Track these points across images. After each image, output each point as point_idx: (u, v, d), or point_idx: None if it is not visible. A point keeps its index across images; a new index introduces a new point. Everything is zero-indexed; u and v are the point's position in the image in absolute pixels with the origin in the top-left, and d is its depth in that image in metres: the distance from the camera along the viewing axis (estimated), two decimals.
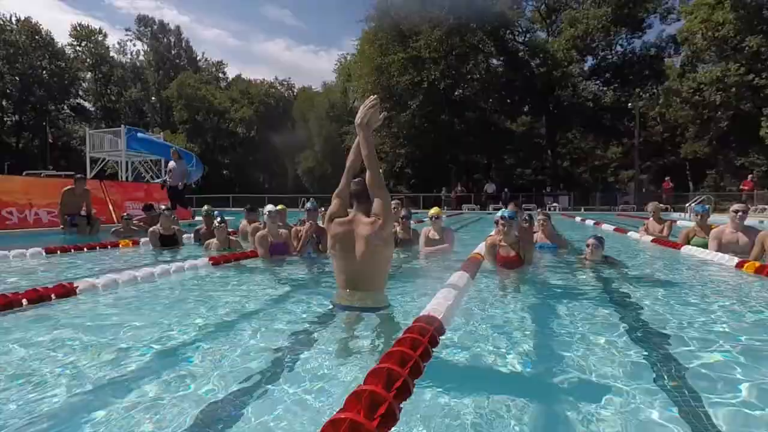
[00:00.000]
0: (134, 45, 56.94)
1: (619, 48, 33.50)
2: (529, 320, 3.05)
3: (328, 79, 52.74)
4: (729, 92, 24.52)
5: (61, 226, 8.64)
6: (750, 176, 22.23)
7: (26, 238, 8.22)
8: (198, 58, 59.19)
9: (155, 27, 56.22)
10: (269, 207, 5.54)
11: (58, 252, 5.72)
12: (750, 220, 6.27)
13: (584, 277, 4.58)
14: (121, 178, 24.95)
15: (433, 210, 6.28)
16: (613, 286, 4.17)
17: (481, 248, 5.05)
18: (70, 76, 49.53)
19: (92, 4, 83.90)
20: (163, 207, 6.64)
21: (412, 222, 7.04)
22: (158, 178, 27.00)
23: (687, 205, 18.10)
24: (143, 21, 56.05)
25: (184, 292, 3.91)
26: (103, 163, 25.93)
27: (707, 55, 27.05)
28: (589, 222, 13.49)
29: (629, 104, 29.57)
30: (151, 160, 27.52)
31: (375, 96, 3.05)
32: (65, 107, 51.42)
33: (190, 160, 27.52)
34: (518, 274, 4.45)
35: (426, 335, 1.97)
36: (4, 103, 46.05)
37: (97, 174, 26.47)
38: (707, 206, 6.42)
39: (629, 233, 8.68)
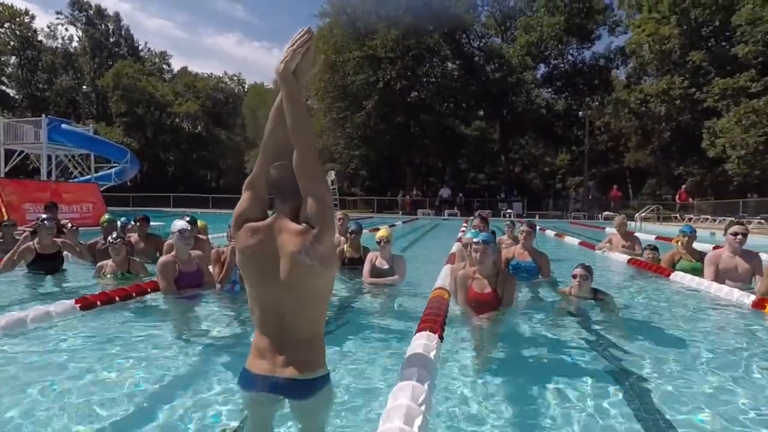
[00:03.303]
0: (66, 30, 52.01)
1: (570, 57, 34.24)
2: (512, 396, 2.23)
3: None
4: (673, 104, 25.39)
5: None
6: (684, 186, 23.03)
7: None
8: (140, 47, 55.27)
9: (91, 12, 51.81)
10: (179, 222, 4.25)
11: None
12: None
13: (574, 323, 3.74)
14: (43, 173, 22.33)
15: (382, 232, 5.17)
16: (612, 337, 3.36)
17: (444, 279, 4.12)
18: None
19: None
20: (43, 216, 5.12)
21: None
22: (86, 174, 24.52)
23: (637, 214, 18.29)
24: (77, 5, 51.44)
25: (29, 355, 2.68)
26: (20, 156, 23.12)
27: (652, 68, 27.98)
28: (549, 233, 13.02)
29: (580, 113, 30.19)
30: (79, 155, 24.93)
31: (308, 28, 1.85)
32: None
33: (123, 156, 25.26)
34: (493, 321, 3.52)
35: None
36: None
37: (16, 168, 23.63)
38: (692, 227, 5.84)
39: (600, 251, 8.05)
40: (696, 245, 5.74)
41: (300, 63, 1.76)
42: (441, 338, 2.63)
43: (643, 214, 18.18)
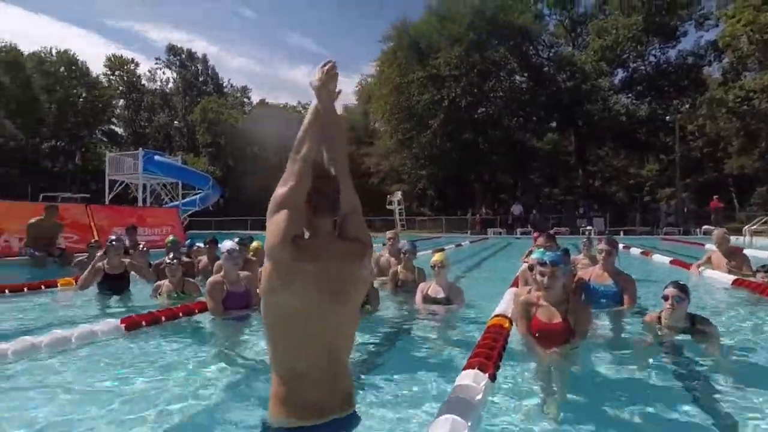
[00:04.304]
0: (164, 73, 58.38)
1: (652, 58, 31.59)
2: None
3: (349, 102, 52.46)
4: None
5: (27, 258, 7.72)
6: None
7: None
8: (224, 84, 60.27)
9: (183, 56, 57.73)
10: (227, 243, 4.22)
11: None
12: None
13: (664, 360, 3.05)
14: (140, 200, 24.66)
15: (436, 257, 4.57)
16: (715, 381, 2.67)
17: (507, 304, 3.62)
18: (103, 103, 51.08)
19: (129, 38, 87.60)
20: (112, 237, 5.40)
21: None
22: (175, 200, 26.73)
23: (746, 228, 15.96)
24: (173, 50, 57.66)
25: (71, 374, 2.67)
26: (122, 185, 25.76)
27: (752, 61, 24.88)
28: (634, 251, 11.60)
29: (667, 117, 27.56)
30: (169, 183, 27.28)
31: (333, 62, 1.87)
32: (98, 133, 52.99)
33: (206, 183, 27.23)
34: (563, 356, 2.95)
35: None
36: (42, 129, 47.51)
37: (118, 195, 26.35)
38: None
39: (696, 271, 6.91)
40: None
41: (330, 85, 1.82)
42: (492, 377, 2.20)
43: (753, 227, 15.82)
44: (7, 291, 5.05)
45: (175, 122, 56.15)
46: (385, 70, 31.97)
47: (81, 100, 49.21)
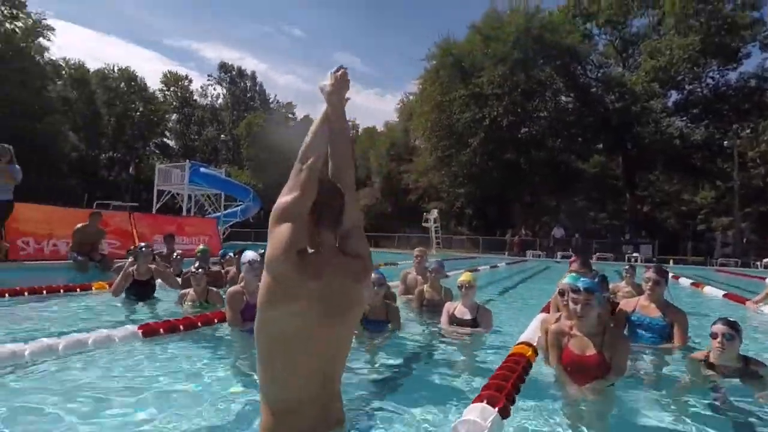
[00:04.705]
0: (214, 89, 61.38)
1: (709, 80, 30.01)
2: None
3: (390, 118, 52.99)
4: None
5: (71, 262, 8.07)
6: None
7: (36, 270, 7.67)
8: (270, 100, 62.53)
9: (234, 72, 60.55)
10: (249, 253, 4.18)
11: (6, 295, 4.79)
12: None
13: (712, 404, 2.69)
14: (184, 210, 25.65)
15: (464, 276, 4.30)
16: None
17: (533, 331, 3.34)
18: (158, 117, 54.25)
19: (185, 56, 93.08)
20: (142, 244, 5.48)
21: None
22: (218, 211, 27.64)
23: None
24: (224, 67, 60.65)
25: (86, 377, 2.64)
26: (169, 195, 26.93)
27: None
28: (684, 281, 10.80)
29: (725, 142, 25.94)
30: (212, 195, 28.28)
31: (346, 69, 1.79)
32: (152, 145, 56.16)
33: (247, 195, 28.03)
34: (596, 393, 2.66)
35: None
36: (102, 141, 50.92)
37: (165, 205, 27.55)
38: None
39: (754, 307, 6.29)
40: None
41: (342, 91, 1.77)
42: (504, 412, 1.96)
43: None
44: (44, 292, 5.23)
45: (222, 136, 58.65)
46: (427, 87, 32.11)
47: (138, 114, 52.46)
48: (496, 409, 1.92)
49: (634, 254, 22.01)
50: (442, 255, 20.27)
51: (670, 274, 4.81)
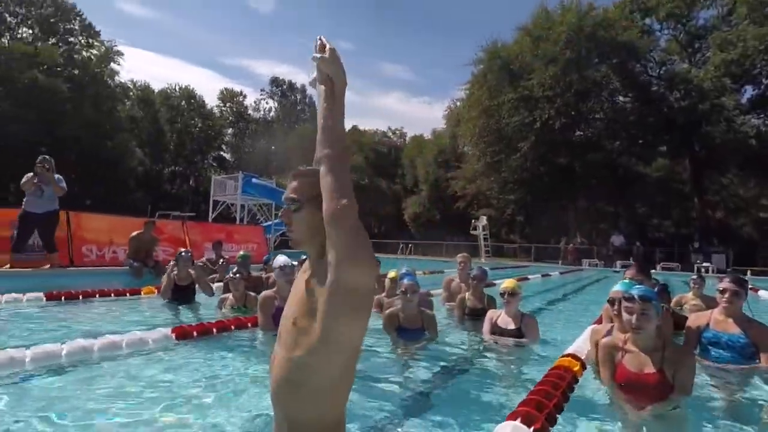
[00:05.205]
0: (267, 103, 63.94)
1: None
2: None
3: (438, 125, 52.60)
4: None
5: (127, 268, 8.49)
6: None
7: (97, 276, 8.13)
8: None
9: (285, 87, 62.86)
10: (281, 258, 4.13)
11: (62, 298, 5.03)
12: None
13: None
14: (237, 219, 26.67)
15: (507, 283, 4.02)
16: None
17: (582, 344, 3.00)
18: (215, 132, 57.30)
19: (240, 73, 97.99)
20: (182, 250, 5.64)
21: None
22: (269, 220, 28.50)
23: None
24: (275, 82, 63.14)
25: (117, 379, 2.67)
26: (223, 205, 28.11)
27: None
28: (763, 294, 9.65)
29: None
30: (264, 204, 29.21)
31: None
32: (209, 158, 59.31)
33: None
34: (657, 417, 2.30)
35: None
36: (165, 156, 54.47)
37: (221, 214, 28.77)
38: None
39: None
40: None
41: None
42: None
43: None
44: (97, 295, 5.48)
45: (273, 147, 60.90)
46: (474, 92, 31.54)
47: (197, 129, 55.66)
48: (532, 429, 1.66)
49: (705, 264, 20.19)
50: (491, 264, 19.63)
51: (749, 286, 4.22)
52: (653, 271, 17.75)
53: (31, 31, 40.98)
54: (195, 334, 3.53)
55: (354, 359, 1.31)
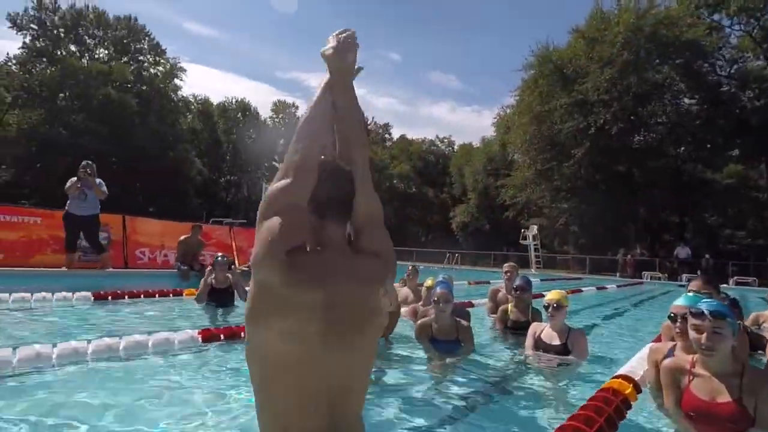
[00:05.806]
0: None
1: None
2: None
3: (487, 134, 51.61)
4: None
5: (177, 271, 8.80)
6: None
7: (149, 277, 8.50)
8: (368, 122, 65.08)
9: None
10: None
11: (109, 297, 5.21)
12: None
13: None
14: None
15: (552, 294, 3.64)
16: None
17: (637, 364, 2.61)
18: (268, 142, 59.59)
19: (293, 86, 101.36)
20: (219, 255, 5.74)
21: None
22: None
23: None
24: None
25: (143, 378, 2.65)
26: None
27: None
28: None
29: None
30: None
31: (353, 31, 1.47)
32: (263, 168, 61.64)
33: None
34: None
35: None
36: (222, 165, 57.18)
37: None
38: None
39: None
40: None
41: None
42: None
43: None
44: (142, 296, 5.65)
45: (322, 156, 62.55)
46: (525, 98, 30.61)
47: (250, 139, 58.09)
48: None
49: None
50: (541, 275, 18.75)
51: None
52: (726, 285, 16.21)
53: (106, 51, 44.59)
54: (222, 337, 3.48)
55: (274, 373, 1.20)
